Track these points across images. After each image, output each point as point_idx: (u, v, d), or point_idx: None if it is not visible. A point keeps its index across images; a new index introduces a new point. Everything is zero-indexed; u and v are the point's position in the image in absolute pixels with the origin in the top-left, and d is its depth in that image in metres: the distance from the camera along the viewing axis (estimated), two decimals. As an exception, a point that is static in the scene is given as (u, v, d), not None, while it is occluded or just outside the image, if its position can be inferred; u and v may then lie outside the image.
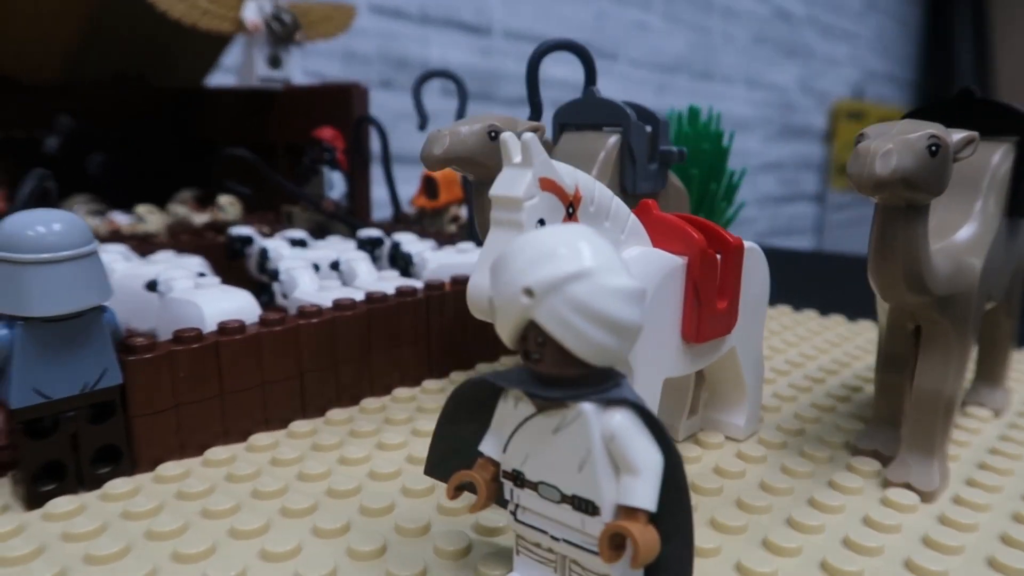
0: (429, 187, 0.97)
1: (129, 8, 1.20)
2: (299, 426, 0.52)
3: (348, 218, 0.92)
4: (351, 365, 0.56)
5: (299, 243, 0.79)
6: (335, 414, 0.54)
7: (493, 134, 0.48)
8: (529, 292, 0.28)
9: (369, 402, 0.56)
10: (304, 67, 2.06)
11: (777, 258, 0.57)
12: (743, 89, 3.75)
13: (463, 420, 0.36)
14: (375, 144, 1.03)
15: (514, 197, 0.34)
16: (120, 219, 0.99)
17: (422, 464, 0.46)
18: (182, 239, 0.86)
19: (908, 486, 0.44)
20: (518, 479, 0.32)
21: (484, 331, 0.65)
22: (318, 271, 0.67)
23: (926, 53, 5.02)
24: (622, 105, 0.56)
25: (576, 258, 0.28)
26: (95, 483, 0.44)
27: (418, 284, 0.63)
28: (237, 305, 0.55)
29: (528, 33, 2.89)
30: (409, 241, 0.77)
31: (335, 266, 0.69)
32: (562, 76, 1.03)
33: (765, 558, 0.37)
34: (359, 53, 2.14)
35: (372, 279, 0.67)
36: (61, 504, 0.41)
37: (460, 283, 0.63)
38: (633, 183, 0.57)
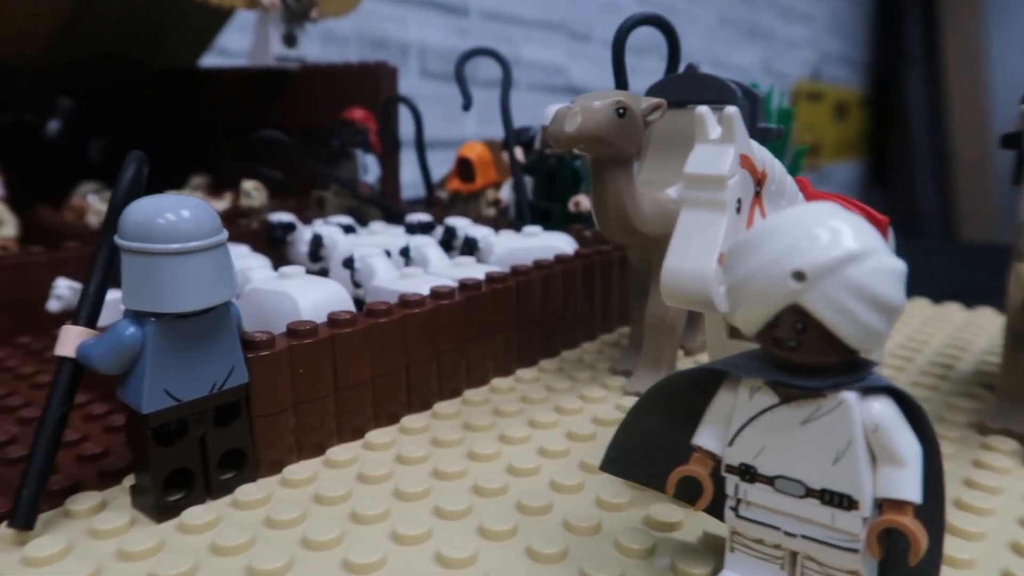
0: (464, 170, 0.94)
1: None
2: (411, 421, 0.49)
3: (384, 202, 0.89)
4: (450, 356, 0.53)
5: (349, 229, 0.76)
6: (442, 407, 0.51)
7: (621, 111, 0.45)
8: (800, 275, 0.26)
9: (472, 394, 0.54)
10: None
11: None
12: (708, 71, 3.78)
13: (653, 412, 0.34)
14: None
15: (718, 175, 0.32)
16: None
17: (557, 458, 0.45)
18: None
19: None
20: (746, 473, 0.30)
21: (566, 318, 0.63)
22: (388, 258, 0.64)
23: (878, 34, 5.13)
24: (727, 81, 0.54)
25: (849, 238, 0.26)
26: (222, 490, 0.41)
27: (496, 270, 0.60)
28: (328, 295, 0.52)
29: (504, 13, 2.85)
30: (464, 226, 0.75)
31: (404, 253, 0.66)
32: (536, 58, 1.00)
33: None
34: (336, 34, 2.08)
35: (446, 266, 0.64)
36: (197, 514, 0.38)
37: (544, 268, 0.61)
38: (736, 162, 0.55)
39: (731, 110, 0.32)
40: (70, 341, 0.38)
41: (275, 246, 0.77)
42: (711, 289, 0.32)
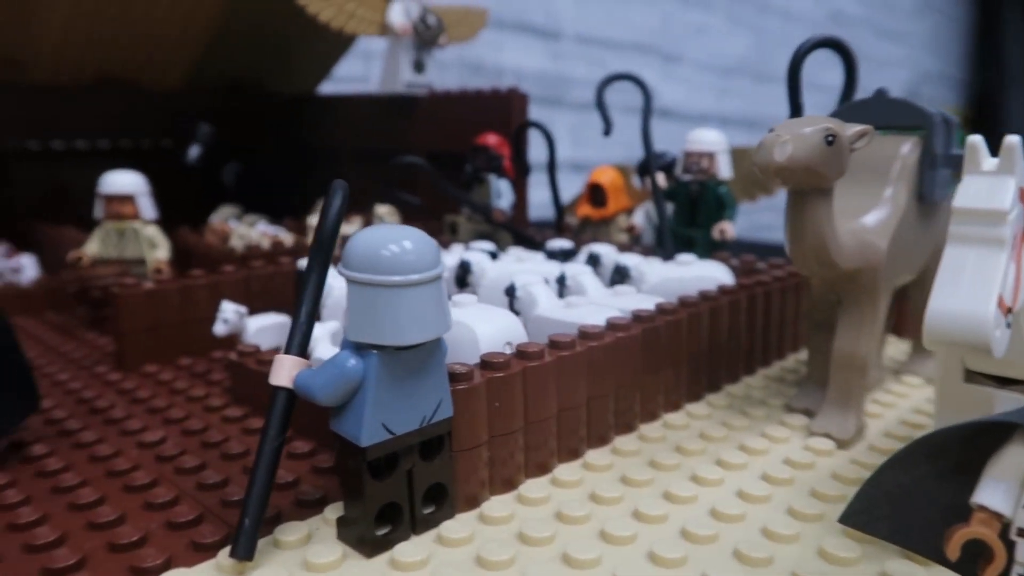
0: (595, 195, 0.93)
1: (255, 15, 1.18)
2: (593, 457, 0.48)
3: (517, 228, 0.88)
4: (626, 389, 0.52)
5: (493, 256, 0.75)
6: (622, 443, 0.50)
7: (831, 138, 0.43)
8: None
9: (647, 429, 0.52)
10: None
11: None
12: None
13: (913, 465, 0.32)
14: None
15: (997, 209, 0.30)
16: (268, 230, 0.96)
17: (760, 503, 0.43)
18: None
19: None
20: (1044, 538, 0.27)
21: (729, 351, 0.61)
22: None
23: (978, 52, 4.91)
24: (922, 106, 0.52)
25: None
26: (425, 525, 0.40)
27: (659, 300, 0.58)
28: (504, 325, 0.51)
29: (596, 37, 2.85)
30: (608, 252, 0.73)
31: (560, 281, 0.65)
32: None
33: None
34: (437, 59, 2.11)
35: (603, 294, 0.63)
36: (408, 551, 0.37)
37: (711, 299, 0.59)
38: (931, 190, 0.52)
39: (1012, 140, 0.30)
40: (285, 371, 0.38)
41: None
42: (988, 332, 0.29)
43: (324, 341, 0.57)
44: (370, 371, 0.36)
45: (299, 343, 0.39)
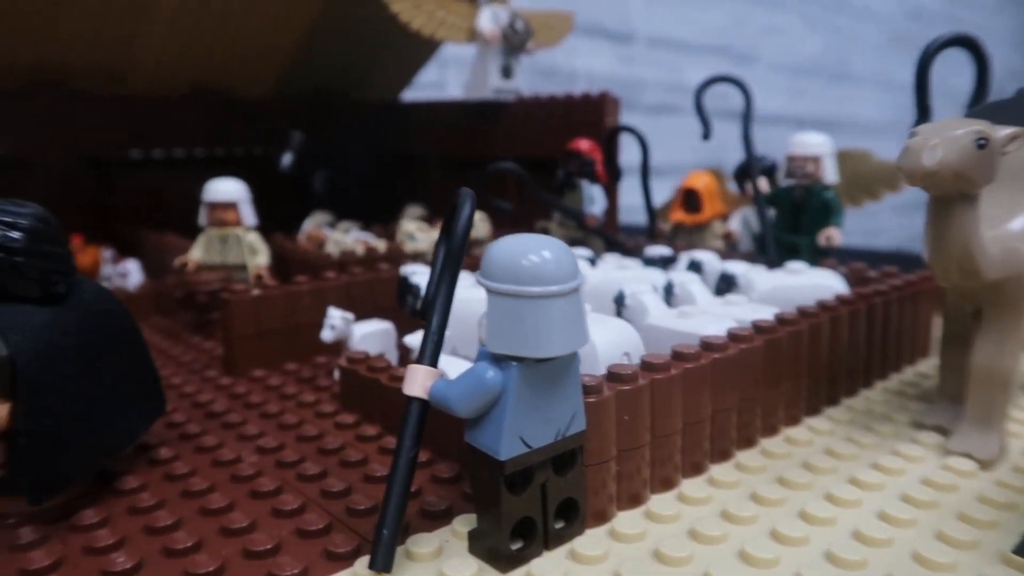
0: (690, 200, 0.91)
1: (341, 25, 1.19)
2: (719, 473, 0.46)
3: (609, 234, 0.87)
4: (747, 403, 0.50)
5: (592, 262, 0.74)
6: (745, 459, 0.48)
7: (982, 141, 0.41)
8: None
9: (769, 444, 0.50)
10: (460, 79, 2.04)
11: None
12: (873, 91, 3.57)
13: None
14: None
15: None
16: (360, 236, 0.97)
17: (906, 527, 0.40)
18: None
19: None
20: None
21: (847, 363, 0.58)
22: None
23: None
24: (1073, 106, 0.48)
25: None
26: (556, 541, 0.39)
27: (776, 310, 0.56)
28: (619, 335, 0.50)
29: (669, 39, 2.82)
30: (711, 260, 0.71)
31: (668, 289, 0.63)
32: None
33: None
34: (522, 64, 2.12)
35: (713, 303, 0.61)
36: (545, 568, 0.36)
37: (830, 309, 0.57)
38: (1081, 196, 0.49)
39: None
40: (419, 381, 0.38)
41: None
42: None
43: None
44: (510, 383, 0.35)
45: (431, 353, 0.39)
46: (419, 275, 0.66)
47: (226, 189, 0.83)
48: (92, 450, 0.43)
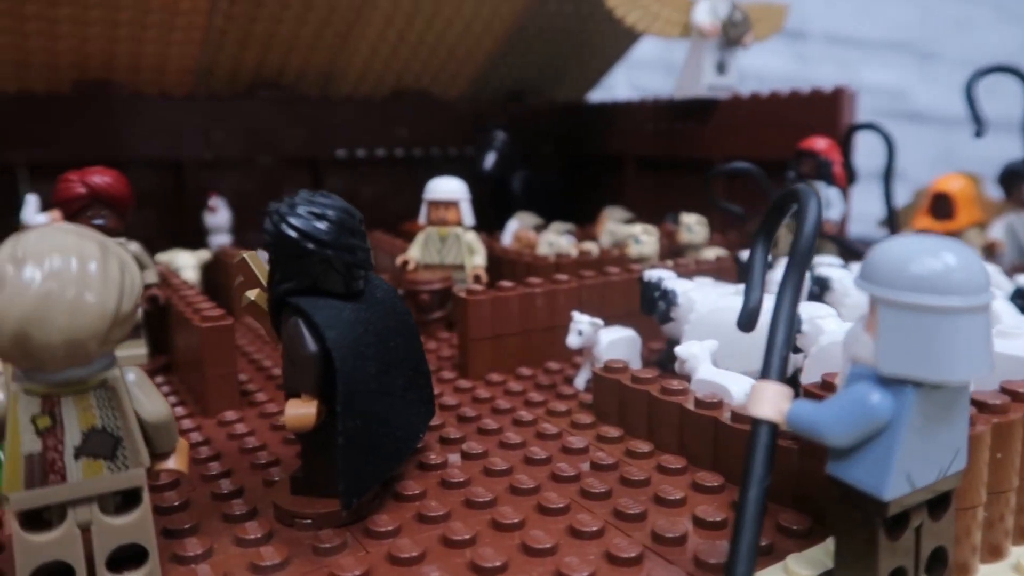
0: (940, 206, 0.82)
1: (547, 23, 1.17)
2: None
3: (847, 241, 0.79)
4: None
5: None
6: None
7: None
8: None
9: None
10: (629, 80, 1.98)
11: None
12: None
13: None
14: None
15: None
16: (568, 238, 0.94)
17: None
18: (680, 263, 0.78)
19: None
20: None
21: None
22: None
23: None
24: None
25: None
26: (926, 597, 0.33)
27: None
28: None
29: (845, 35, 2.65)
30: (992, 273, 0.63)
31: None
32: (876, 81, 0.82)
33: None
34: (677, 62, 2.04)
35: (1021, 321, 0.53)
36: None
37: None
38: None
39: None
40: (769, 401, 0.33)
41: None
42: None
43: (705, 361, 0.52)
44: (903, 411, 0.30)
45: (779, 369, 0.34)
46: (670, 280, 0.62)
47: (448, 188, 0.82)
48: (392, 452, 0.41)
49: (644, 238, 0.79)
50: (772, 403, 0.33)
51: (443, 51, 1.15)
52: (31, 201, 0.73)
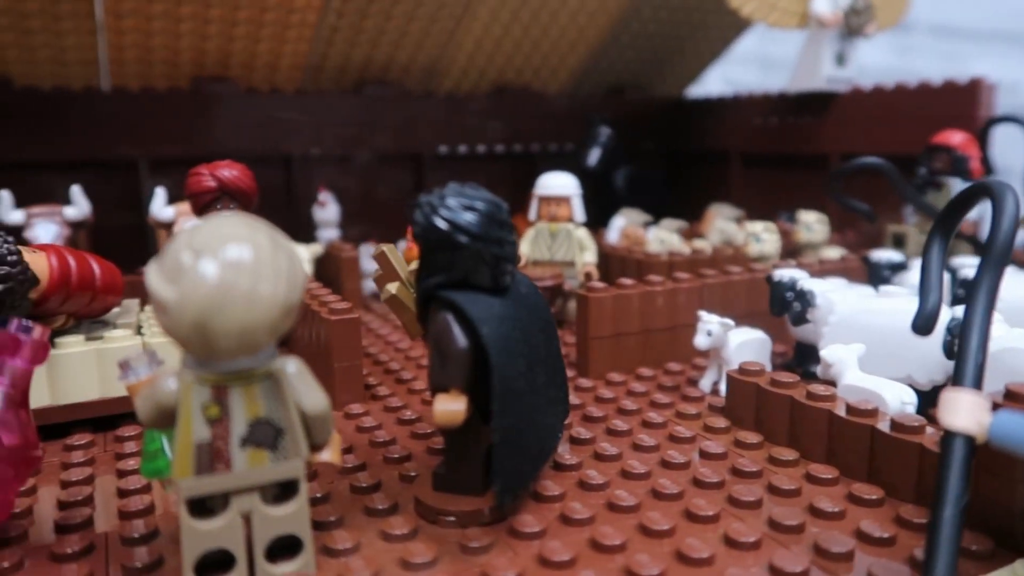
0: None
1: (651, 16, 1.15)
2: None
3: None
4: None
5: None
6: None
7: None
8: None
9: None
10: (723, 75, 1.92)
11: None
12: None
13: None
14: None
15: None
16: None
17: None
18: (804, 263, 0.75)
19: None
20: None
21: None
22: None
23: None
24: None
25: None
26: None
27: None
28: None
29: (953, 26, 2.52)
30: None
31: None
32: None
33: None
34: (772, 57, 1.98)
35: None
36: None
37: None
38: None
39: None
40: (966, 411, 0.31)
41: (881, 283, 0.67)
42: None
43: (853, 366, 0.50)
44: None
45: (974, 376, 0.32)
46: (805, 280, 0.59)
47: (561, 183, 0.81)
48: (538, 451, 0.41)
49: (765, 236, 0.76)
50: (969, 414, 0.31)
51: (546, 45, 1.13)
52: (159, 194, 0.75)
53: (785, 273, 0.60)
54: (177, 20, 0.90)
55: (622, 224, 0.97)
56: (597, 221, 1.03)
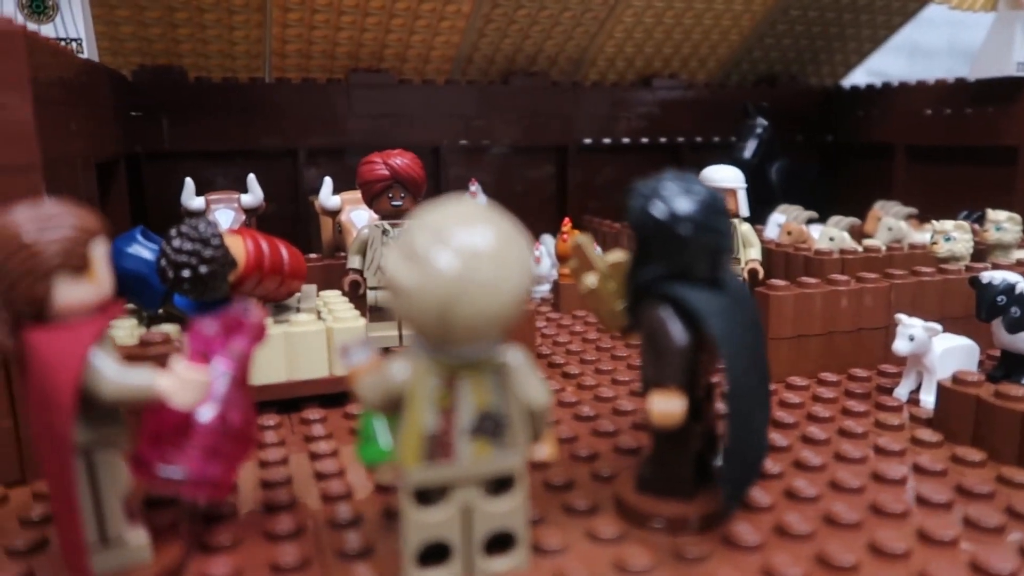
0: None
1: (807, 4, 1.09)
2: None
3: None
4: None
5: None
6: None
7: None
8: None
9: None
10: (866, 65, 1.79)
11: None
12: None
13: None
14: None
15: None
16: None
17: None
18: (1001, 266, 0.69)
19: None
20: None
21: None
22: None
23: None
24: None
25: None
26: None
27: None
28: None
29: None
30: None
31: None
32: None
33: None
34: (922, 47, 1.85)
35: None
36: None
37: None
38: None
39: None
40: None
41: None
42: None
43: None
44: None
45: None
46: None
47: (725, 176, 0.77)
48: (759, 457, 0.38)
49: (956, 235, 0.70)
50: None
51: (698, 33, 1.09)
52: (327, 183, 0.77)
53: (997, 275, 0.55)
54: (339, 12, 0.92)
55: (781, 220, 0.92)
56: (752, 217, 0.99)
